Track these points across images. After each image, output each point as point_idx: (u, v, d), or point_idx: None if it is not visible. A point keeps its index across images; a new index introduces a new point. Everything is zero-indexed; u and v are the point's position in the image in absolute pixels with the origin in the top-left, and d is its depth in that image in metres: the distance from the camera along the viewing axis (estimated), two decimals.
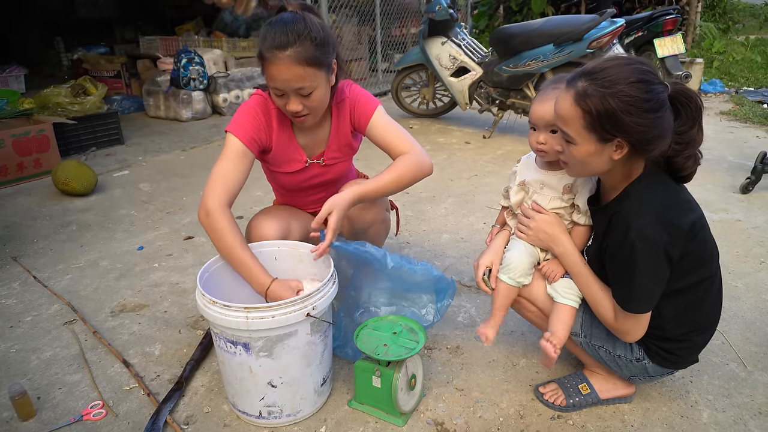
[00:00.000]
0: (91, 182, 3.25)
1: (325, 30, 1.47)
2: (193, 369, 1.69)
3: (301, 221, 1.81)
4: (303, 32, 1.41)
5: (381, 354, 1.41)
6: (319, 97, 1.50)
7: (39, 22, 7.89)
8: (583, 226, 1.42)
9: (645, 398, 1.56)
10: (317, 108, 1.53)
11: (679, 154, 1.23)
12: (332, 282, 1.45)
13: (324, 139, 1.72)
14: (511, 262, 1.46)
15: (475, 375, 1.67)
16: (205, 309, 1.36)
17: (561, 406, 1.51)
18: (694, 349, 1.40)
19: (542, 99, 1.38)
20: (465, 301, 2.09)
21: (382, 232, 1.93)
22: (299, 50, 1.40)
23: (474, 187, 3.35)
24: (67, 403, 1.58)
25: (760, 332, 1.85)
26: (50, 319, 2.00)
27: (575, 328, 1.44)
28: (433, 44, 4.50)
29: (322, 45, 1.44)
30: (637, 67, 1.17)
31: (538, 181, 1.48)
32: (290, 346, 1.38)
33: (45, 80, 5.96)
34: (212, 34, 6.70)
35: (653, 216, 1.20)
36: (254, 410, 1.46)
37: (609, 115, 1.15)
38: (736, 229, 2.66)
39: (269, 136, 1.64)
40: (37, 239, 2.69)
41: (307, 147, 1.72)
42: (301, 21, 1.43)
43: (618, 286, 1.29)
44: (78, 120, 4.00)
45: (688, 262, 1.26)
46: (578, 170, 1.31)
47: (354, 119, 1.68)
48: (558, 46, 3.81)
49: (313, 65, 1.43)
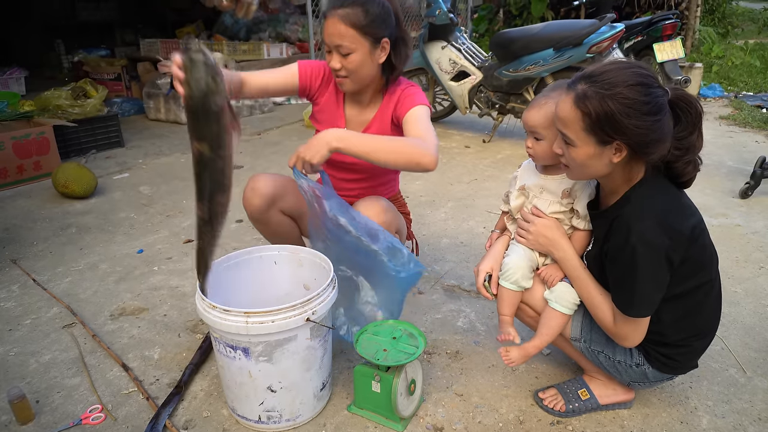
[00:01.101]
0: (91, 185, 3.25)
1: (385, 8, 1.63)
2: (192, 373, 1.68)
3: (292, 193, 1.85)
4: (360, 1, 1.59)
5: (380, 359, 1.41)
6: (356, 61, 1.62)
7: (40, 24, 7.89)
8: (582, 231, 1.42)
9: (645, 404, 1.56)
10: (354, 71, 1.65)
11: (679, 159, 1.24)
12: (332, 287, 1.45)
13: (368, 119, 1.80)
14: (510, 267, 1.46)
15: (474, 380, 1.67)
16: (205, 313, 1.36)
17: (560, 412, 1.51)
18: (693, 355, 1.40)
19: (531, 106, 1.43)
20: (465, 305, 2.08)
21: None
22: (348, 11, 1.58)
23: (474, 191, 3.35)
24: (66, 407, 1.58)
25: (759, 338, 1.85)
26: (49, 322, 2.00)
27: (575, 332, 1.44)
28: (433, 48, 4.51)
29: (372, 16, 1.60)
30: (636, 71, 1.17)
31: (537, 185, 1.48)
32: (290, 351, 1.38)
33: (45, 82, 5.96)
34: (213, 37, 6.71)
35: (655, 220, 1.21)
36: (253, 415, 1.45)
37: (608, 117, 1.16)
38: (735, 234, 2.66)
39: (321, 89, 1.83)
40: (37, 242, 2.68)
41: (350, 120, 1.82)
42: None
43: (618, 291, 1.29)
44: (78, 122, 4.00)
45: (688, 267, 1.26)
46: (578, 173, 1.32)
47: (397, 109, 1.73)
48: (558, 50, 3.82)
49: (356, 29, 1.59)
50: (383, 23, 1.63)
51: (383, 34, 1.64)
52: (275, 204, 1.83)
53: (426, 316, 2.02)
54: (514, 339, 1.45)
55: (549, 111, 1.37)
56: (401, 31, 1.71)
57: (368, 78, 1.70)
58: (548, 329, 1.42)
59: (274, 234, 1.94)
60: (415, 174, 3.67)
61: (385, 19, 1.63)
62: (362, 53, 1.62)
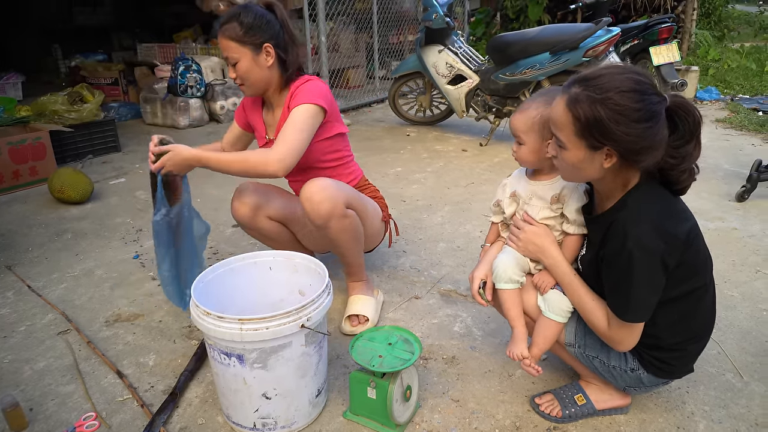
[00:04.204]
0: (87, 190, 3.25)
1: (259, 17, 1.78)
2: (187, 380, 1.67)
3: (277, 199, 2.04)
4: (235, 14, 1.76)
5: (376, 365, 1.40)
6: (243, 68, 1.79)
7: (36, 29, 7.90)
8: (573, 236, 1.42)
9: (641, 409, 1.55)
10: (245, 77, 1.81)
11: (675, 168, 1.23)
12: (327, 293, 1.45)
13: (278, 118, 1.93)
14: (498, 267, 1.47)
15: (470, 386, 1.66)
16: (199, 320, 1.35)
17: (557, 417, 1.50)
18: (688, 359, 1.40)
19: (516, 110, 1.46)
20: (461, 310, 2.08)
21: (348, 231, 1.80)
22: (227, 27, 1.76)
23: (471, 195, 3.35)
24: (60, 414, 1.57)
25: (756, 342, 1.85)
26: (44, 328, 1.99)
27: (569, 338, 1.44)
28: (430, 52, 4.52)
29: (246, 26, 1.75)
30: (630, 77, 1.16)
31: (527, 191, 1.49)
32: (285, 358, 1.37)
33: (42, 87, 5.96)
34: (210, 41, 6.71)
35: (651, 225, 1.20)
36: (248, 422, 1.45)
37: (597, 122, 1.16)
38: (731, 237, 2.66)
39: (248, 112, 2.04)
40: (32, 248, 2.68)
41: (268, 123, 1.99)
42: (242, 8, 1.78)
43: (614, 295, 1.29)
44: (75, 128, 4.00)
45: (683, 271, 1.26)
46: (570, 175, 1.32)
47: (291, 105, 1.81)
48: (554, 54, 3.83)
49: (235, 40, 1.76)
50: (260, 29, 1.77)
51: (262, 40, 1.77)
52: (261, 210, 1.98)
53: (422, 321, 2.02)
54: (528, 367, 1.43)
55: (530, 116, 1.40)
56: (288, 34, 1.84)
57: (262, 81, 1.84)
58: (544, 338, 1.43)
59: (266, 238, 2.07)
60: (411, 178, 3.67)
61: (261, 26, 1.77)
62: (247, 60, 1.78)
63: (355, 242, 1.87)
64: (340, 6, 5.82)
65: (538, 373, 1.42)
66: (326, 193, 1.72)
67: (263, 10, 1.81)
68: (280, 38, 1.82)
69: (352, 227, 1.82)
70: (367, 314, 1.94)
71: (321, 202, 1.71)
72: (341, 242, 1.83)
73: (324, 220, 1.73)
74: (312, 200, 1.71)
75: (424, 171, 3.86)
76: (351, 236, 1.83)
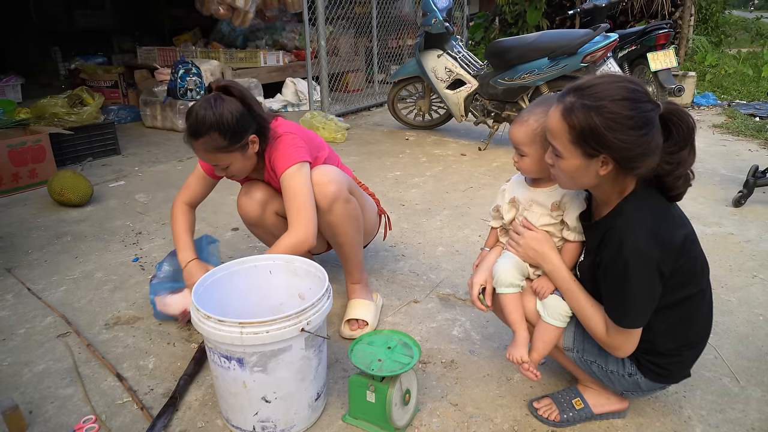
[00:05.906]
0: (87, 193, 3.25)
1: (235, 115, 1.65)
2: (186, 383, 1.68)
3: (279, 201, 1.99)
4: (213, 124, 1.62)
5: (375, 369, 1.41)
6: (236, 168, 1.76)
7: (36, 31, 7.91)
8: (573, 243, 1.43)
9: (639, 413, 1.56)
10: (238, 173, 1.80)
11: (670, 174, 1.24)
12: (326, 297, 1.46)
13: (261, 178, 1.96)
14: (498, 271, 1.48)
15: (469, 390, 1.67)
16: (200, 324, 1.36)
17: (555, 421, 1.51)
18: (685, 364, 1.41)
19: (515, 121, 1.46)
20: (460, 314, 2.09)
21: (350, 217, 1.85)
22: (206, 140, 1.64)
23: (469, 199, 3.36)
24: (60, 417, 1.57)
25: (752, 347, 1.86)
26: (44, 331, 1.99)
27: (567, 343, 1.45)
28: (429, 57, 4.54)
29: (229, 134, 1.65)
30: (624, 85, 1.18)
31: (527, 198, 1.50)
32: (285, 361, 1.38)
33: (42, 90, 5.97)
34: (210, 44, 6.74)
35: (646, 232, 1.22)
36: (248, 425, 1.45)
37: (592, 130, 1.17)
38: (728, 242, 2.68)
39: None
40: (32, 250, 2.68)
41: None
42: (212, 111, 1.62)
43: (611, 302, 1.30)
44: (74, 130, 4.00)
45: (679, 277, 1.27)
46: (567, 183, 1.33)
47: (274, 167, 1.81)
48: (552, 59, 3.85)
49: (220, 151, 1.68)
50: (242, 128, 1.68)
51: (247, 135, 1.71)
52: (268, 206, 1.97)
53: (421, 325, 2.03)
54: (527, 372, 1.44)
55: (531, 128, 1.40)
56: (255, 107, 1.73)
57: (252, 166, 1.82)
58: (543, 343, 1.44)
59: (271, 235, 2.06)
60: (410, 182, 3.69)
61: (242, 124, 1.67)
62: (238, 160, 1.74)
63: (356, 232, 1.91)
64: (340, 10, 5.84)
65: (536, 377, 1.43)
66: (332, 176, 1.81)
67: (233, 105, 1.66)
68: (255, 121, 1.73)
69: (355, 214, 1.88)
70: (367, 318, 1.95)
71: (328, 183, 1.78)
72: (343, 229, 1.86)
73: (330, 201, 1.79)
74: (319, 182, 1.78)
75: (423, 175, 3.87)
76: (353, 224, 1.88)
